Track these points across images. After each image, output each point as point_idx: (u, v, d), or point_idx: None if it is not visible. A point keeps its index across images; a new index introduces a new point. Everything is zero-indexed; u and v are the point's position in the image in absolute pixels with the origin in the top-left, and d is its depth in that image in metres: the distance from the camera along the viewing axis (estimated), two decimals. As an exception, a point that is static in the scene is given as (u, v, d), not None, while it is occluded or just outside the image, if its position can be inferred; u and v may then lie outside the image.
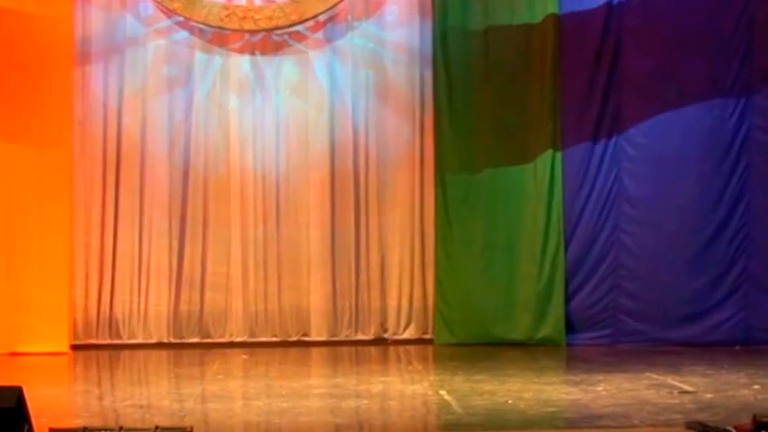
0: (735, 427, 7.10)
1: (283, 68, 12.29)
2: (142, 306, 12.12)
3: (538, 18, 12.11)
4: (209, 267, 12.15)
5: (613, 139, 12.12)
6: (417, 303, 12.26)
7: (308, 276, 12.19)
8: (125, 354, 11.82)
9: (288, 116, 12.27)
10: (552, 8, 12.08)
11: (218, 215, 12.19)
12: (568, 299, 12.06)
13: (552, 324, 12.01)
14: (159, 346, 12.03)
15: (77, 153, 12.01)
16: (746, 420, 7.14)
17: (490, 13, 12.16)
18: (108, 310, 12.08)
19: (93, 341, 12.01)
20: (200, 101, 12.24)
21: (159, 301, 12.12)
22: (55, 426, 6.73)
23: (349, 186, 12.26)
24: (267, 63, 12.27)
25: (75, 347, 11.83)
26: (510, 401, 8.81)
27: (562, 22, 12.09)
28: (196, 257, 12.15)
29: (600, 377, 9.76)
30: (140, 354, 11.78)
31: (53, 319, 11.64)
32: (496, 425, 7.96)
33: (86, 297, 12.05)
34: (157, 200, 12.17)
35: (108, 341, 12.04)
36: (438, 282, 12.14)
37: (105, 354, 11.78)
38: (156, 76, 12.23)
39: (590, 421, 7.94)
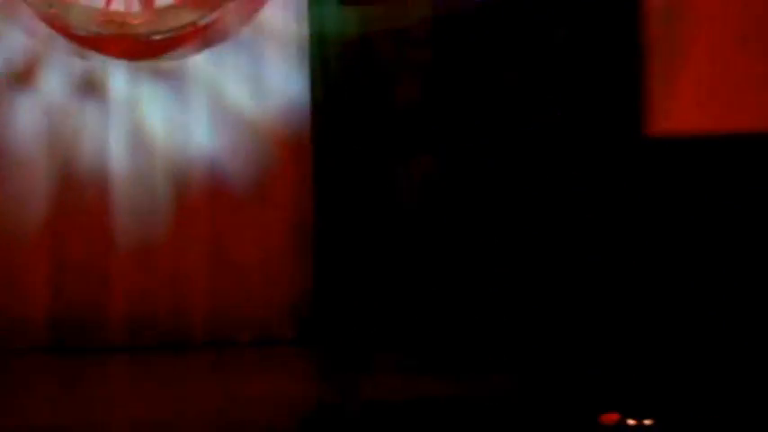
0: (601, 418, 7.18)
1: (161, 72, 12.26)
2: (17, 310, 11.97)
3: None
4: (87, 270, 12.07)
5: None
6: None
7: (186, 279, 12.16)
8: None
9: (164, 120, 12.25)
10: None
11: (93, 222, 12.10)
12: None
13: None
14: (35, 350, 11.84)
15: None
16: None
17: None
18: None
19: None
20: (74, 108, 12.14)
21: (35, 306, 12.00)
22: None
23: (226, 187, 12.27)
24: (145, 68, 12.24)
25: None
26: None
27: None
28: (73, 260, 12.08)
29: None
30: (15, 361, 11.62)
31: None
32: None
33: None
34: (30, 204, 12.05)
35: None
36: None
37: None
38: (33, 86, 12.11)
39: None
